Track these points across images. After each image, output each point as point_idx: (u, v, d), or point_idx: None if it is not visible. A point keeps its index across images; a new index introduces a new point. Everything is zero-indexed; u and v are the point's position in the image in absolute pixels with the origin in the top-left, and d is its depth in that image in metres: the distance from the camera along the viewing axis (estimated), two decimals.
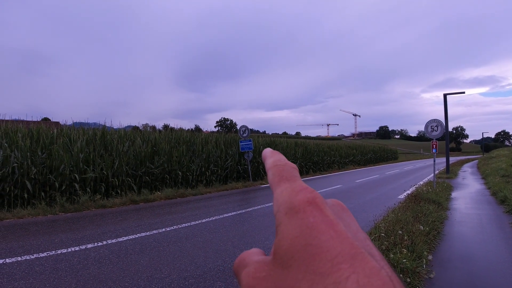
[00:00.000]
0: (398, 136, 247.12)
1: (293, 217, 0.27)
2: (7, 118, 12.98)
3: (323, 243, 0.25)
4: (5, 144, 9.79)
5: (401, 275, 4.11)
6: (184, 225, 7.38)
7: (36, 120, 15.25)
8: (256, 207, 9.39)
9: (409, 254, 4.67)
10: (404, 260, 4.38)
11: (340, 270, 0.24)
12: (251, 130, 18.24)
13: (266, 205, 9.78)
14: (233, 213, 8.66)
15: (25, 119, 14.47)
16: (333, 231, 0.26)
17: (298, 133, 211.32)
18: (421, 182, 15.32)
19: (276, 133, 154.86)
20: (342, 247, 0.25)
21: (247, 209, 9.18)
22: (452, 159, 43.45)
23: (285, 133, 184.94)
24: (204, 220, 7.82)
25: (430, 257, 4.99)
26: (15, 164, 9.43)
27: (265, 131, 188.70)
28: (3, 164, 9.33)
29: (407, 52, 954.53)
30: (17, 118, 14.01)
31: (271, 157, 0.36)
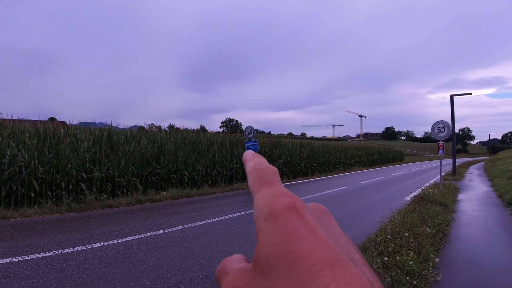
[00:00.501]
0: (404, 137, 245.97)
1: (273, 223, 0.27)
2: (14, 117, 13.11)
3: (303, 250, 0.25)
4: (12, 143, 9.86)
5: (407, 278, 4.09)
6: (189, 225, 7.38)
7: (43, 119, 15.39)
8: None
9: (415, 257, 4.65)
10: (410, 263, 4.36)
11: (320, 278, 0.23)
12: (257, 130, 18.24)
13: None
14: (238, 214, 8.66)
15: (32, 118, 14.61)
16: (313, 237, 0.26)
17: (303, 134, 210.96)
18: (428, 184, 15.24)
19: (281, 134, 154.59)
20: (322, 254, 0.24)
21: (252, 210, 9.16)
22: (459, 161, 43.16)
23: (290, 133, 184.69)
24: (209, 221, 7.83)
25: (436, 259, 4.97)
26: (22, 164, 9.49)
27: (270, 131, 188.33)
28: (10, 164, 9.40)
29: (413, 53, 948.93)
30: (24, 117, 14.15)
31: (251, 160, 0.35)
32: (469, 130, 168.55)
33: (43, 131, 11.40)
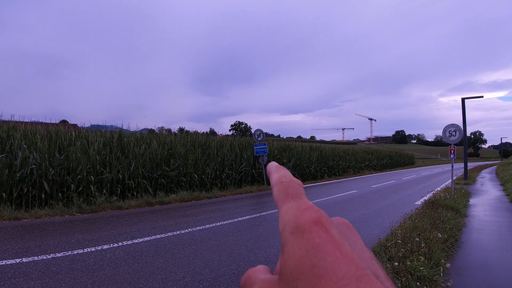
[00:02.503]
0: (415, 141, 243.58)
1: (299, 237, 0.27)
2: (26, 120, 13.28)
3: (329, 265, 0.25)
4: (24, 145, 9.99)
5: (418, 283, 4.02)
6: (198, 228, 7.38)
7: (54, 122, 15.49)
8: (270, 211, 9.34)
9: (426, 262, 4.59)
10: (421, 268, 4.31)
11: None
12: (266, 134, 18.24)
13: None
14: (247, 217, 8.63)
15: (44, 121, 14.73)
16: (339, 252, 0.26)
17: (312, 137, 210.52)
18: (439, 188, 15.04)
19: (290, 137, 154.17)
20: (347, 269, 0.25)
21: (261, 213, 9.14)
22: (470, 165, 42.56)
23: (299, 137, 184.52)
24: (218, 224, 7.81)
25: (447, 265, 4.90)
26: (34, 165, 9.61)
27: (279, 135, 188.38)
28: (22, 165, 9.52)
29: (424, 56, 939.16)
30: (36, 120, 14.29)
31: (276, 172, 0.36)
32: (480, 134, 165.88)
33: (55, 133, 11.53)
